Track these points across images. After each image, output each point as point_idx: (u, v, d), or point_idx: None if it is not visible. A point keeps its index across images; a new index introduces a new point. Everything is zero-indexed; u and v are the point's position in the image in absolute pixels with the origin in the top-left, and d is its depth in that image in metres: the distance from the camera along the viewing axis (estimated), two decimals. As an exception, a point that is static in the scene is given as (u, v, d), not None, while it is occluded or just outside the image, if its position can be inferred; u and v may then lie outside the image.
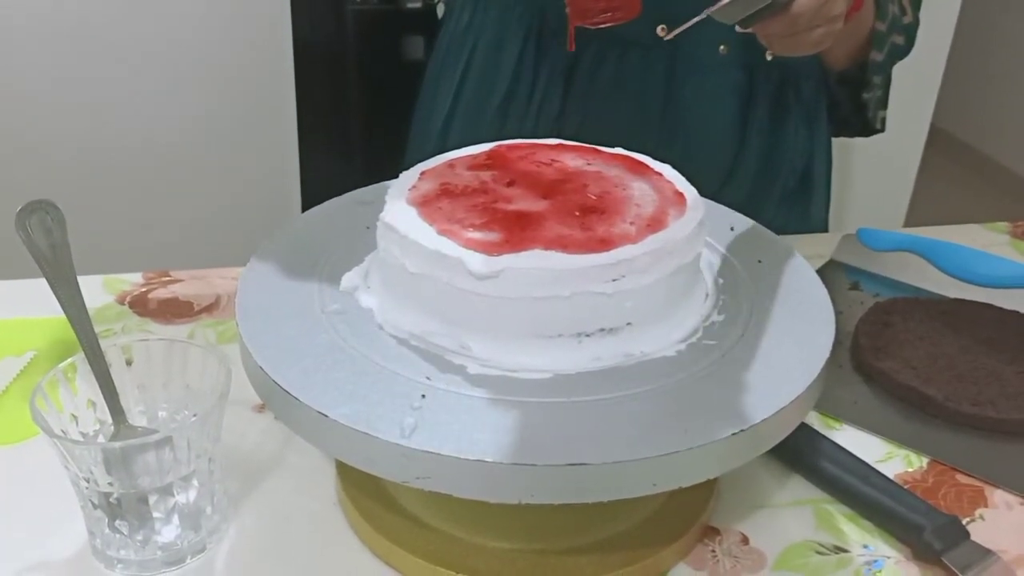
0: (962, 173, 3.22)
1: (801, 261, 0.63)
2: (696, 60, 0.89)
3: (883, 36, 0.89)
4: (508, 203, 0.55)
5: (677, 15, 0.83)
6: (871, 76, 0.91)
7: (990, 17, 3.07)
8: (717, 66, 0.90)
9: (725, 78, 0.91)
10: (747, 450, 0.49)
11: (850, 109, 0.97)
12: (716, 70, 0.90)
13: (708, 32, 0.84)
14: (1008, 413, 0.67)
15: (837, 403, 0.70)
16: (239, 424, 0.65)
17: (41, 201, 0.56)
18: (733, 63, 0.90)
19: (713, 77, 0.90)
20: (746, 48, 0.89)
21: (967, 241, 0.89)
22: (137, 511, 0.53)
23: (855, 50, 0.90)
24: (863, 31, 0.87)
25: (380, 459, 0.47)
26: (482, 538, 0.56)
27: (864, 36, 0.88)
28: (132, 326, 0.78)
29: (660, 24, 0.86)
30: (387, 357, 0.52)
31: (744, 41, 0.88)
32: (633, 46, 0.88)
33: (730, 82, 0.91)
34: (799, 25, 0.70)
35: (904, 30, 0.93)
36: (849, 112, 0.97)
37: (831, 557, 0.58)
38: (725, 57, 0.89)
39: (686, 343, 0.54)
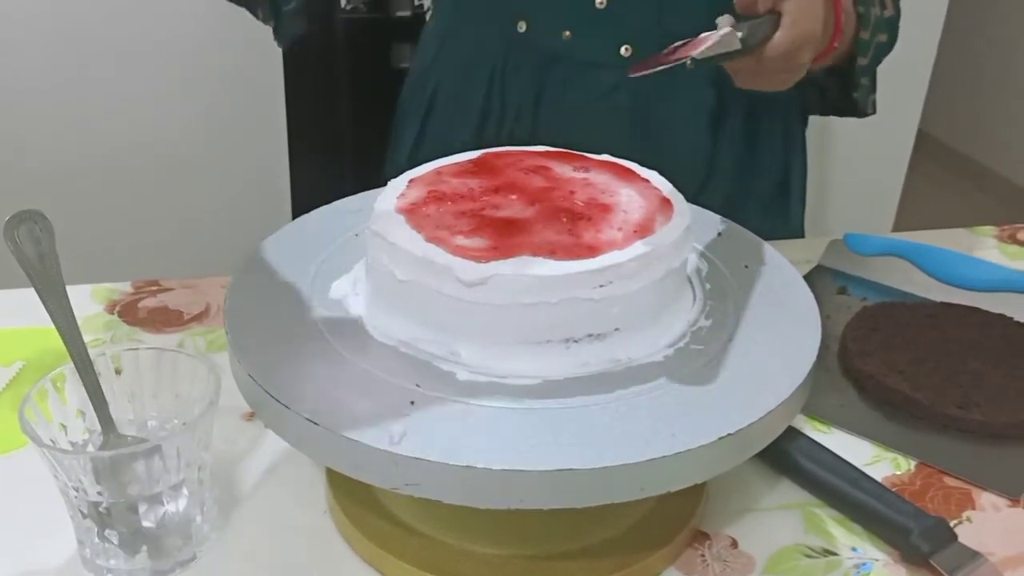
0: (949, 178, 3.24)
1: (788, 266, 0.64)
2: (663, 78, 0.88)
3: (867, 43, 0.90)
4: (496, 210, 0.56)
5: (638, 37, 0.84)
6: (859, 78, 0.92)
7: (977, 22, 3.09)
8: (685, 82, 0.89)
9: (694, 94, 0.90)
10: (735, 454, 0.50)
11: (838, 96, 0.96)
12: (684, 86, 0.89)
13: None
14: (994, 416, 0.68)
15: (825, 407, 0.71)
16: (229, 432, 0.65)
17: (29, 211, 0.56)
18: (701, 79, 0.89)
19: (682, 93, 0.89)
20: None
21: (954, 245, 0.89)
22: (127, 520, 0.53)
23: (839, 59, 0.90)
24: (844, 47, 0.87)
25: (369, 466, 0.47)
26: (472, 544, 0.56)
27: (846, 49, 0.88)
28: (121, 335, 0.78)
29: (624, 44, 0.86)
30: (376, 364, 0.52)
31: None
32: (599, 68, 0.87)
33: (699, 98, 0.90)
34: (765, 68, 0.71)
35: (887, 26, 0.92)
36: (838, 99, 0.96)
37: (820, 560, 0.58)
38: (693, 72, 0.87)
39: (674, 348, 0.55)
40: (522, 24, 0.87)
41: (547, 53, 0.87)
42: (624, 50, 0.85)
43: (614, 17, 0.84)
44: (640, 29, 0.84)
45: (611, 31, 0.85)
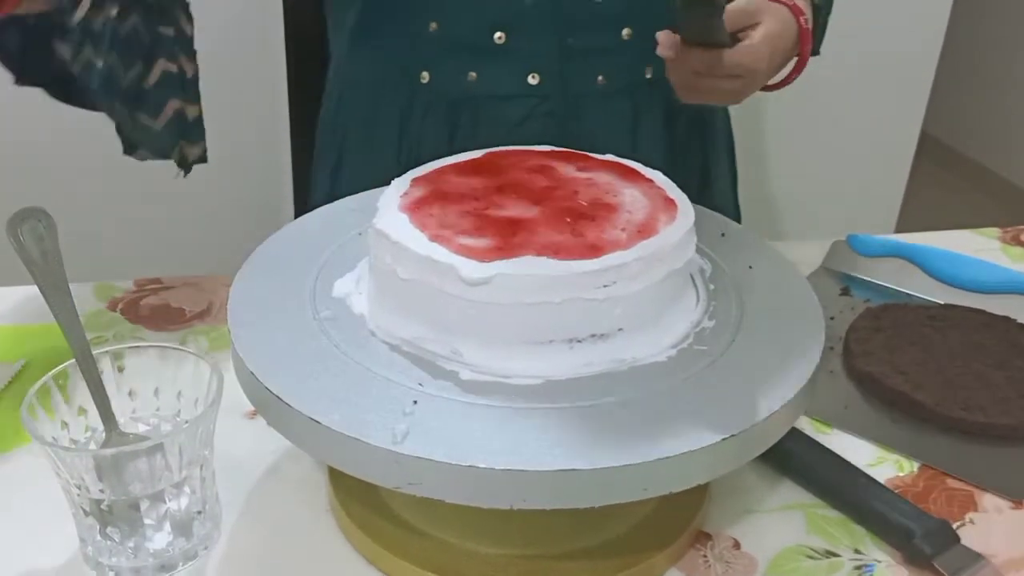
0: (952, 179, 3.23)
1: (791, 267, 0.64)
2: (576, 97, 0.86)
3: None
4: (500, 209, 0.56)
5: (543, 63, 0.83)
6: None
7: (980, 23, 3.09)
8: (598, 99, 0.87)
9: (609, 107, 0.88)
10: (738, 455, 0.50)
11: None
12: (597, 102, 0.87)
13: (587, 66, 0.84)
14: (997, 418, 0.68)
15: (828, 408, 0.70)
16: (231, 431, 0.65)
17: (32, 208, 0.56)
18: (616, 93, 0.87)
19: (596, 109, 0.87)
20: (628, 73, 0.86)
21: (957, 247, 0.89)
22: (128, 518, 0.53)
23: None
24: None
25: (372, 465, 0.47)
26: (474, 544, 0.56)
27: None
28: (124, 333, 0.78)
29: (531, 73, 0.84)
30: (379, 363, 0.52)
31: (625, 67, 0.86)
32: (509, 100, 0.86)
33: (616, 110, 0.89)
34: (721, 68, 0.70)
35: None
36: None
37: (822, 562, 0.58)
38: (607, 87, 0.86)
39: (677, 349, 0.54)
40: (425, 75, 0.86)
41: (454, 96, 0.86)
42: (532, 78, 0.84)
43: (516, 51, 0.83)
44: (544, 55, 0.84)
45: (516, 64, 0.84)
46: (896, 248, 0.89)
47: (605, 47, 0.85)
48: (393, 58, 0.87)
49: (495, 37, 0.82)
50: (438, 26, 0.83)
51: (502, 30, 0.82)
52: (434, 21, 0.83)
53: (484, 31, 0.82)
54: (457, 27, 0.83)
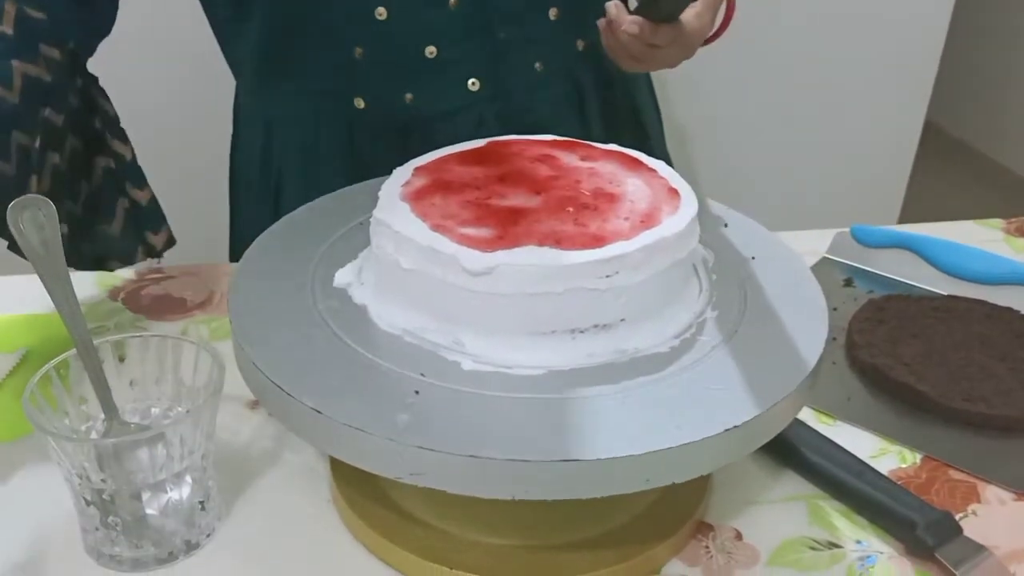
0: (956, 170, 3.22)
1: (795, 257, 0.64)
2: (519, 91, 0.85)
3: None
4: (502, 199, 0.55)
5: (481, 67, 0.82)
6: None
7: (984, 14, 3.08)
8: (545, 87, 0.86)
9: (556, 94, 0.87)
10: (740, 446, 0.49)
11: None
12: (544, 91, 0.86)
13: (523, 57, 0.84)
14: (1001, 409, 0.67)
15: (831, 399, 0.70)
16: (232, 421, 0.65)
17: (33, 197, 0.56)
18: (561, 77, 0.87)
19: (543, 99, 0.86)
20: (562, 52, 0.85)
21: (961, 238, 0.89)
22: (130, 508, 0.53)
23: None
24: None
25: (373, 455, 0.47)
26: (476, 534, 0.56)
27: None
28: (125, 322, 0.78)
29: (470, 79, 0.82)
30: (381, 353, 0.52)
31: (559, 47, 0.85)
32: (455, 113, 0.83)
33: (562, 94, 0.88)
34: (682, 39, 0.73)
35: None
36: None
37: (824, 553, 0.58)
38: (552, 71, 0.85)
39: (679, 339, 0.54)
40: (359, 101, 0.82)
41: (397, 119, 0.83)
42: (472, 84, 0.82)
43: (449, 61, 0.80)
44: (479, 58, 0.82)
45: (452, 74, 0.81)
46: (899, 239, 0.88)
47: (536, 33, 0.83)
48: (318, 89, 0.84)
49: (426, 52, 0.79)
50: (363, 51, 0.80)
51: (432, 43, 0.79)
52: (358, 47, 0.80)
53: (414, 48, 0.79)
54: (385, 50, 0.80)
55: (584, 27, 0.82)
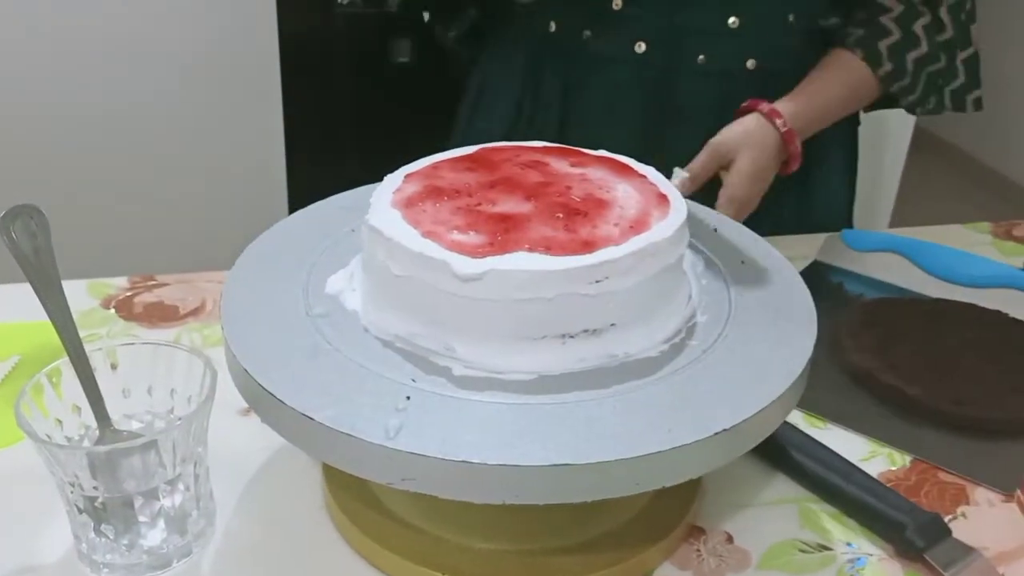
0: (946, 174, 3.24)
1: (785, 262, 0.64)
2: (674, 72, 0.91)
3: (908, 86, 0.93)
4: (492, 205, 0.56)
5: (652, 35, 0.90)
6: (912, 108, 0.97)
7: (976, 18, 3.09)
8: (691, 78, 0.92)
9: (699, 89, 0.92)
10: (731, 449, 0.50)
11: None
12: (690, 82, 0.92)
13: (690, 44, 0.89)
14: (989, 412, 0.68)
15: (821, 402, 0.71)
16: (225, 428, 0.65)
17: (25, 205, 0.56)
18: (712, 74, 0.91)
19: (688, 88, 0.92)
20: (727, 59, 0.91)
21: (950, 242, 0.90)
22: (123, 515, 0.53)
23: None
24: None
25: (365, 461, 0.47)
26: (468, 539, 0.56)
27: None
28: (117, 330, 0.78)
29: (638, 41, 0.90)
30: (372, 359, 0.52)
31: (726, 52, 0.90)
32: (615, 63, 0.92)
33: (706, 93, 0.92)
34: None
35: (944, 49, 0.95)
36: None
37: (815, 555, 0.58)
38: (698, 70, 0.91)
39: (669, 343, 0.55)
40: (552, 24, 0.92)
41: (570, 51, 0.92)
42: (638, 47, 0.89)
43: (629, 18, 0.89)
44: (653, 27, 0.89)
45: (627, 30, 0.89)
46: (889, 243, 0.89)
47: (711, 29, 0.90)
48: (533, 9, 0.94)
49: (613, 2, 0.88)
50: None
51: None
52: None
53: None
54: None
55: (759, 49, 0.91)
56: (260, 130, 1.85)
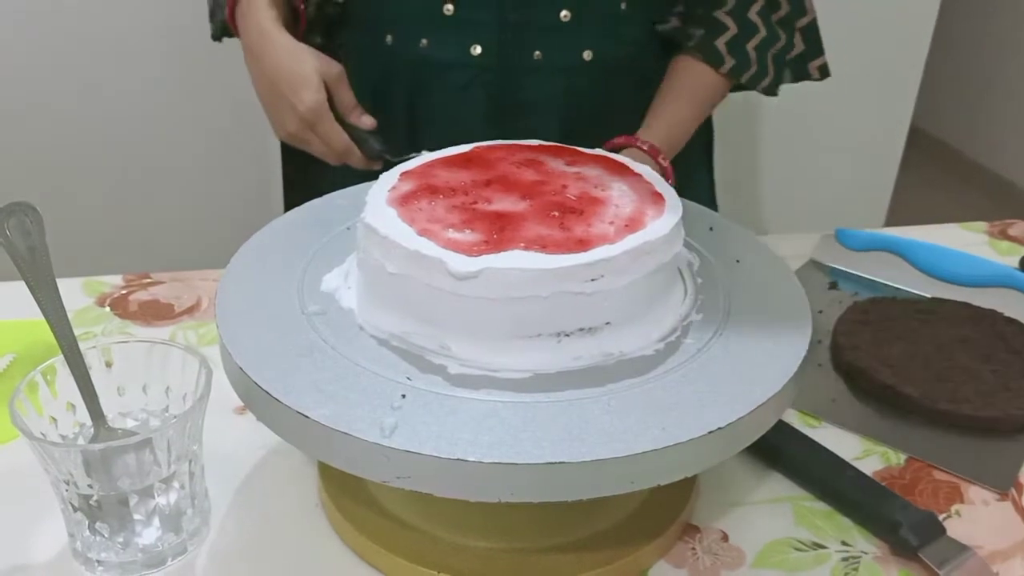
0: (941, 173, 3.24)
1: (780, 261, 0.64)
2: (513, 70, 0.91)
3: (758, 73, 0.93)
4: (488, 203, 0.56)
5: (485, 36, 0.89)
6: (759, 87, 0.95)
7: (969, 18, 3.10)
8: (535, 75, 0.91)
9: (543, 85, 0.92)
10: (725, 448, 0.50)
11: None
12: (534, 78, 0.91)
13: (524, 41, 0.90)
14: (984, 410, 0.68)
15: (816, 401, 0.71)
16: (220, 426, 0.65)
17: (20, 203, 0.56)
18: (551, 69, 0.91)
19: (532, 84, 0.92)
20: (564, 53, 0.91)
21: (945, 241, 0.90)
22: (117, 513, 0.53)
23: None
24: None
25: (360, 459, 0.47)
26: (463, 537, 0.56)
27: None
28: (112, 328, 0.78)
29: (473, 44, 0.90)
30: (367, 358, 0.52)
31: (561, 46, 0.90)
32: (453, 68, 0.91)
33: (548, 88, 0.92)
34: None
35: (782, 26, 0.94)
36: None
37: (809, 553, 0.58)
38: (542, 65, 0.91)
39: (664, 342, 0.55)
40: (388, 37, 0.92)
41: (411, 60, 0.92)
42: (474, 49, 0.90)
43: (462, 21, 0.89)
44: (486, 28, 0.89)
45: (461, 34, 0.90)
46: (884, 242, 0.89)
47: (544, 25, 0.90)
48: (370, 25, 0.94)
49: (445, 8, 0.88)
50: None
51: (451, 2, 0.88)
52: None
53: (436, 2, 0.89)
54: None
55: (593, 39, 0.90)
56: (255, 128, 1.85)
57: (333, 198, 0.69)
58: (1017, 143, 3.09)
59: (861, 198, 1.92)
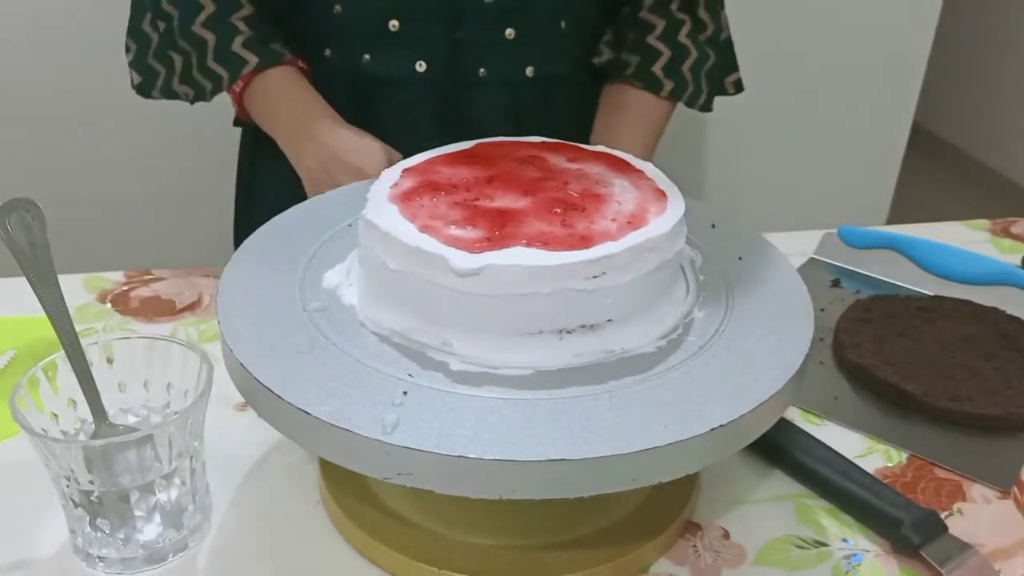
0: (943, 172, 3.24)
1: (782, 258, 0.64)
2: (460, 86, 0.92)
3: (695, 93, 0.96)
4: (490, 200, 0.56)
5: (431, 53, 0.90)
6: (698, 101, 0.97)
7: (971, 18, 3.09)
8: (481, 89, 0.92)
9: (490, 98, 0.93)
10: (727, 446, 0.50)
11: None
12: (480, 92, 0.93)
13: (471, 59, 0.91)
14: (986, 408, 0.68)
15: (818, 399, 0.71)
16: (221, 422, 0.65)
17: (21, 199, 0.56)
18: (498, 85, 0.93)
19: (478, 97, 0.93)
20: (509, 69, 0.92)
21: (947, 239, 0.90)
22: (118, 509, 0.53)
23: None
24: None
25: (362, 456, 0.47)
26: (464, 534, 0.56)
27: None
28: (114, 325, 0.78)
29: (419, 60, 0.90)
30: (369, 354, 0.52)
31: (507, 63, 0.92)
32: (397, 83, 0.91)
33: (496, 103, 0.93)
34: None
35: (710, 45, 0.97)
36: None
37: (811, 551, 0.58)
38: (489, 80, 0.92)
39: (666, 339, 0.55)
40: (327, 51, 0.92)
41: (352, 74, 0.92)
42: (419, 65, 0.90)
43: (407, 38, 0.90)
44: (432, 45, 0.90)
45: (406, 51, 0.90)
46: (886, 240, 0.89)
47: (489, 42, 0.91)
48: (308, 37, 0.93)
49: (389, 24, 0.88)
50: (342, 9, 0.90)
51: (396, 18, 0.88)
52: (338, 5, 0.90)
53: (380, 18, 0.89)
54: (357, 12, 0.90)
55: (536, 56, 0.92)
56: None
57: (334, 194, 0.69)
58: (1020, 141, 3.09)
59: (863, 196, 1.91)
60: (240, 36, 0.87)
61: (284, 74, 0.88)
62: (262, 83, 0.88)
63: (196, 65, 0.89)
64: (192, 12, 0.88)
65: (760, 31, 1.69)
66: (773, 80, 1.74)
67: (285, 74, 0.88)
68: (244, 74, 0.87)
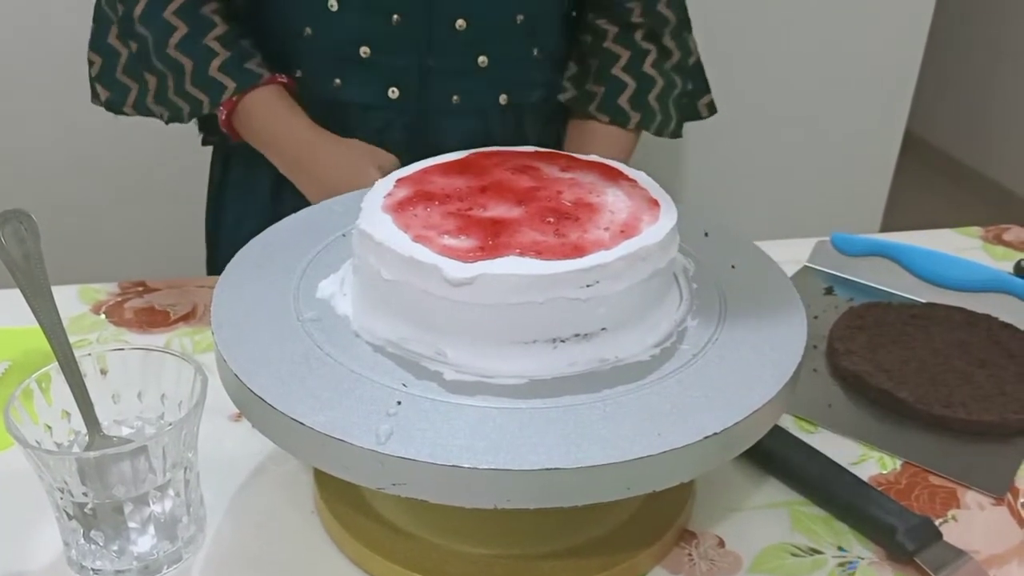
0: (936, 179, 3.25)
1: (775, 266, 0.64)
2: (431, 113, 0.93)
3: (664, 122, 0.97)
4: (483, 210, 0.56)
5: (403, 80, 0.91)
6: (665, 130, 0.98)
7: (963, 25, 3.11)
8: (450, 115, 0.93)
9: (461, 127, 0.94)
10: (721, 453, 0.50)
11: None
12: (450, 119, 0.93)
13: (443, 86, 0.92)
14: (979, 415, 0.68)
15: (812, 406, 0.71)
16: (216, 433, 0.65)
17: (15, 210, 0.56)
18: (468, 111, 0.94)
19: (449, 125, 0.94)
20: (481, 97, 0.93)
21: (940, 246, 0.90)
22: (112, 521, 0.53)
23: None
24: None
25: (356, 466, 0.47)
26: (459, 544, 0.56)
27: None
28: (108, 336, 0.78)
29: (391, 87, 0.91)
30: (363, 364, 0.52)
31: (479, 91, 0.93)
32: (368, 109, 0.92)
33: (467, 130, 0.94)
34: None
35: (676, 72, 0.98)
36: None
37: (806, 559, 0.58)
38: (458, 105, 0.93)
39: (660, 348, 0.55)
40: (298, 72, 0.92)
41: (323, 97, 0.92)
42: (392, 92, 0.91)
43: (379, 65, 0.90)
44: (405, 72, 0.91)
45: (378, 77, 0.91)
46: (879, 247, 0.89)
47: (461, 70, 0.92)
48: (279, 58, 0.93)
49: (361, 51, 0.89)
50: (312, 32, 0.90)
51: (367, 45, 0.89)
52: (308, 27, 0.90)
53: (351, 43, 0.89)
54: (328, 36, 0.90)
55: (508, 84, 0.93)
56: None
57: (328, 204, 0.69)
58: (1012, 148, 3.10)
59: (856, 203, 1.92)
60: (216, 58, 0.87)
61: (265, 96, 0.88)
62: (245, 109, 0.88)
63: (173, 88, 0.88)
64: (165, 34, 0.87)
65: (753, 39, 1.70)
66: (766, 88, 1.75)
67: (266, 95, 0.88)
68: (225, 100, 0.86)
